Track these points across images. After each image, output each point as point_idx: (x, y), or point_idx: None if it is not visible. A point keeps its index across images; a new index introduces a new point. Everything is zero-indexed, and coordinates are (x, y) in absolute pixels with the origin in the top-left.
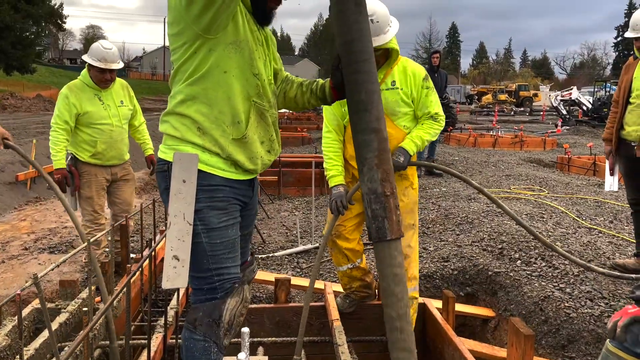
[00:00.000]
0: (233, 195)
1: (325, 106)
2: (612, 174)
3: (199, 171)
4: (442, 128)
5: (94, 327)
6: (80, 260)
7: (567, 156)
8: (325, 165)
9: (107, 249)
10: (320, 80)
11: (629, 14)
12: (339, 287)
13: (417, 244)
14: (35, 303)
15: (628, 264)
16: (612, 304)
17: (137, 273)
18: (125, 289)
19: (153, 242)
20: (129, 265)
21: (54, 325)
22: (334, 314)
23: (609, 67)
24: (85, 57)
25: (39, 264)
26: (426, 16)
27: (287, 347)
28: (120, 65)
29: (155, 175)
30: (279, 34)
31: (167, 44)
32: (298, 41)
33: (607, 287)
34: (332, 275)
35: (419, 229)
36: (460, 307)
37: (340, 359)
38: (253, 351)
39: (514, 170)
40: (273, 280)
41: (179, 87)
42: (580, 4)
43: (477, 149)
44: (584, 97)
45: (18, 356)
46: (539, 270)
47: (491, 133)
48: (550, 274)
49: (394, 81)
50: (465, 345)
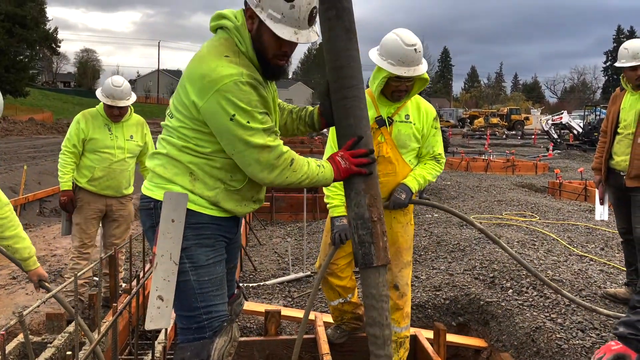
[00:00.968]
0: (220, 233)
1: (332, 131)
2: (602, 203)
3: (188, 210)
4: (442, 170)
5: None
6: (68, 291)
7: (558, 181)
8: (327, 193)
9: (95, 278)
10: (310, 108)
11: (617, 39)
12: (329, 318)
13: None
14: (22, 337)
15: (619, 293)
16: (603, 334)
17: (124, 311)
18: (111, 327)
19: (142, 272)
20: (114, 304)
21: None
22: (325, 347)
23: (599, 91)
24: (97, 93)
25: (27, 294)
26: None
27: None
28: (131, 101)
29: (139, 210)
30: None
31: (162, 67)
32: (292, 65)
33: (598, 318)
34: (323, 305)
35: None
36: (452, 338)
37: None
38: None
39: (505, 196)
40: (263, 311)
41: (177, 141)
42: (569, 30)
43: (470, 173)
44: (575, 121)
45: None
46: (531, 299)
47: (483, 157)
48: (541, 303)
49: (407, 115)
50: None
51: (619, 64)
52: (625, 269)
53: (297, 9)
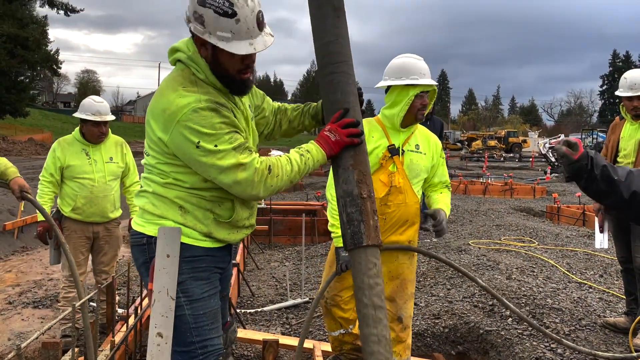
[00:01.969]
0: (214, 264)
1: None
2: (602, 231)
3: (182, 244)
4: None
5: None
6: (64, 321)
7: (556, 205)
8: (333, 222)
9: (91, 303)
10: (313, 103)
11: (613, 64)
12: (328, 347)
13: None
14: None
15: (618, 322)
16: None
17: (122, 344)
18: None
19: (140, 297)
20: (111, 332)
21: None
22: None
23: (596, 114)
24: (77, 114)
25: (22, 319)
26: None
27: None
28: (112, 117)
29: (130, 246)
30: (272, 80)
31: None
32: (291, 87)
33: (598, 347)
34: (322, 332)
35: None
36: None
37: None
38: None
39: (504, 220)
40: (261, 340)
41: (157, 178)
42: (565, 54)
43: (468, 196)
44: None
45: None
46: (530, 329)
47: (481, 180)
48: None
49: (417, 145)
50: None
51: (617, 92)
52: (625, 298)
53: (243, 22)
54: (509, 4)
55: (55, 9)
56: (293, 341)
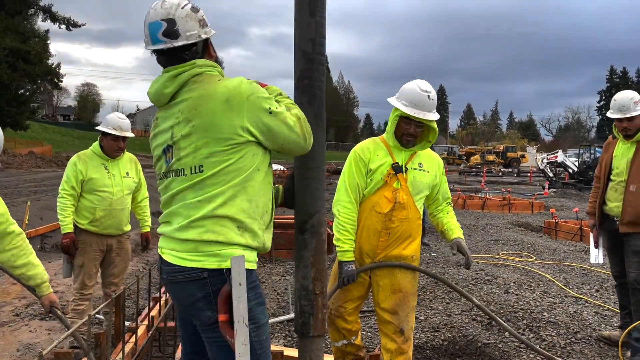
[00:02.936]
0: (261, 287)
1: (350, 174)
2: (597, 246)
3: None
4: None
5: None
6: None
7: (554, 221)
8: (339, 236)
9: (98, 316)
10: (279, 186)
11: (610, 79)
12: (330, 358)
13: None
14: None
15: (613, 336)
16: None
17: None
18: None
19: (147, 308)
20: (121, 342)
21: None
22: None
23: (594, 129)
24: (100, 127)
25: (30, 331)
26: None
27: None
28: (132, 135)
29: (173, 284)
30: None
31: None
32: None
33: (593, 359)
34: (325, 345)
35: None
36: None
37: None
38: None
39: (502, 235)
40: None
41: (220, 188)
42: (563, 69)
43: (466, 211)
44: (570, 160)
45: None
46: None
47: (479, 195)
48: (537, 345)
49: (420, 163)
50: None
51: (608, 114)
52: (619, 312)
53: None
54: (507, 19)
55: (57, 23)
56: (296, 353)
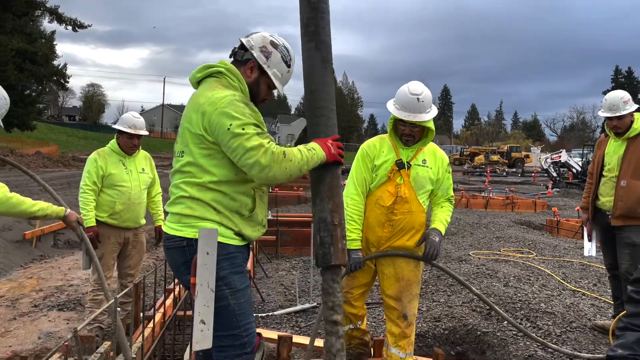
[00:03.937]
0: (243, 260)
1: (357, 169)
2: (590, 240)
3: (220, 243)
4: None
5: None
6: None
7: (555, 219)
8: (347, 226)
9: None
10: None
11: (615, 79)
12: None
13: None
14: (55, 357)
15: (607, 325)
16: None
17: (149, 337)
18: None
19: (163, 297)
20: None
21: None
22: None
23: (598, 129)
24: (116, 126)
25: (49, 320)
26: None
27: None
28: (146, 133)
29: (166, 250)
30: (275, 95)
31: (167, 102)
32: (294, 101)
33: (586, 347)
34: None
35: None
36: None
37: None
38: None
39: (504, 232)
40: (276, 337)
41: (194, 179)
42: (568, 70)
43: (470, 210)
44: (573, 160)
45: None
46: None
47: (483, 194)
48: (534, 333)
49: (424, 160)
50: None
51: (599, 113)
52: (613, 303)
53: (289, 73)
54: (511, 20)
55: (64, 24)
56: (305, 340)
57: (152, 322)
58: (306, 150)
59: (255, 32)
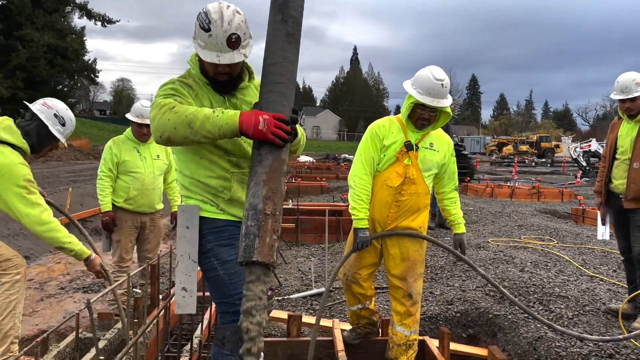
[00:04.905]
0: (237, 232)
1: (366, 148)
2: (603, 223)
3: (206, 218)
4: None
5: (129, 349)
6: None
7: (581, 207)
8: (354, 205)
9: (135, 289)
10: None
11: None
12: (346, 326)
13: None
14: (73, 335)
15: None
16: (600, 344)
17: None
18: (157, 320)
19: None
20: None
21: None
22: (340, 345)
23: None
24: (127, 115)
25: (74, 302)
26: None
27: None
28: None
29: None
30: (301, 86)
31: None
32: (320, 93)
33: (598, 329)
34: (342, 316)
35: (428, 275)
36: (458, 347)
37: None
38: None
39: (527, 221)
40: (286, 317)
41: (177, 164)
42: (600, 57)
43: (494, 199)
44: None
45: None
46: (536, 313)
47: (509, 184)
48: (546, 316)
49: (432, 143)
50: None
51: (611, 95)
52: (627, 286)
53: (214, 37)
54: (540, 8)
55: (93, 20)
56: (312, 320)
57: (168, 300)
58: (210, 111)
59: None
